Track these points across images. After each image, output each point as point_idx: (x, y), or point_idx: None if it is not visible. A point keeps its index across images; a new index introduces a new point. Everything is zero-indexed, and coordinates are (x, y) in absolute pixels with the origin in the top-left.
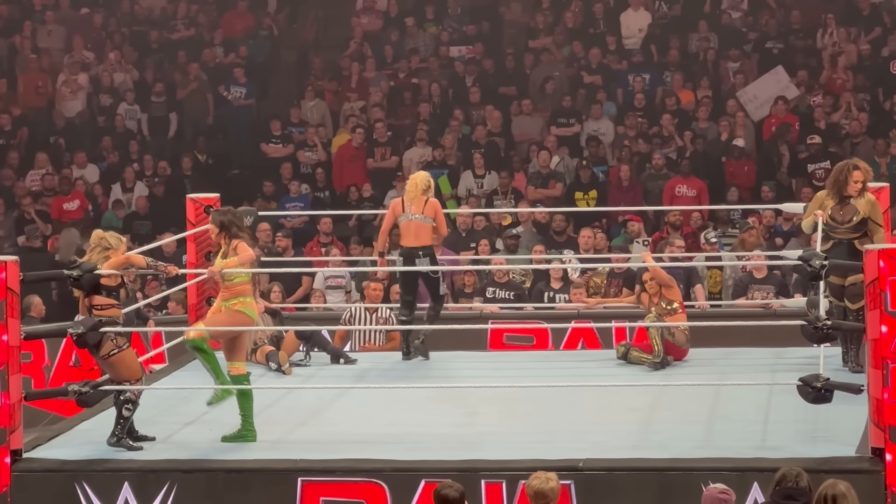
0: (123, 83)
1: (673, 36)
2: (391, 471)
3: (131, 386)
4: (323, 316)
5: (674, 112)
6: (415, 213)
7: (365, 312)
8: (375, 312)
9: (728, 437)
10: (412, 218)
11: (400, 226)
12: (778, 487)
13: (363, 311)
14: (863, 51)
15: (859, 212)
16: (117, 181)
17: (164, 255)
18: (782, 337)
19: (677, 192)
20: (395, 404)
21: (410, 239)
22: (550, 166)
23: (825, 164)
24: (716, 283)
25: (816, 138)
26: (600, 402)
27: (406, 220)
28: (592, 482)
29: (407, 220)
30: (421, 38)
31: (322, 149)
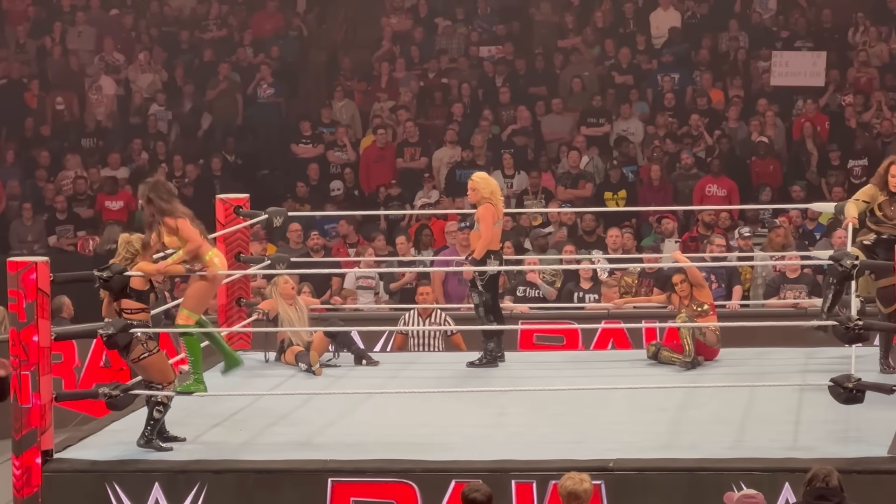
0: (153, 84)
1: (703, 35)
2: (421, 471)
3: (162, 391)
4: (353, 317)
5: (703, 112)
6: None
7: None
8: (430, 316)
9: (759, 438)
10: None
11: (495, 231)
12: (809, 487)
13: (417, 316)
14: (894, 49)
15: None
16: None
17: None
18: (815, 337)
19: (707, 191)
20: (425, 405)
21: (497, 243)
22: (580, 166)
23: (863, 162)
24: (746, 280)
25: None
26: (630, 402)
27: (499, 226)
28: (623, 482)
29: (500, 226)
30: (451, 38)
31: (351, 148)
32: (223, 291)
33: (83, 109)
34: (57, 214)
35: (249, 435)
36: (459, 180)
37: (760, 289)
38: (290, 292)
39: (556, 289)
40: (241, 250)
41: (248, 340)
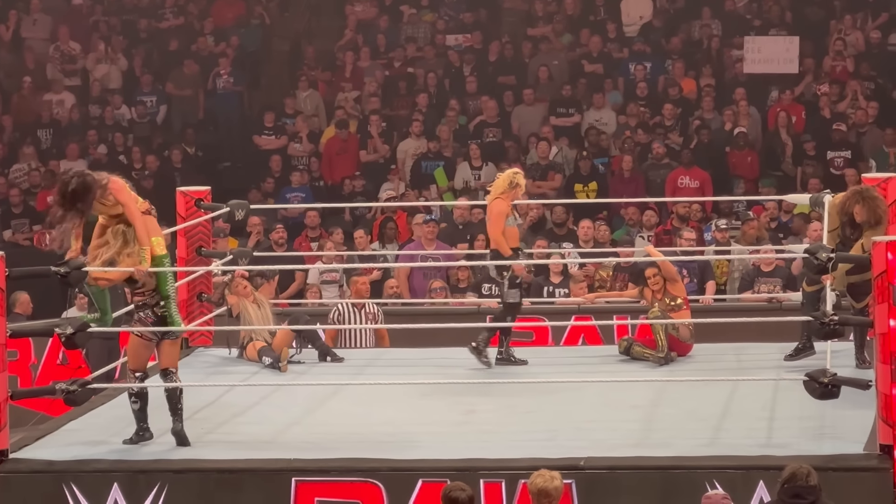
0: (111, 74)
1: (675, 23)
2: (387, 470)
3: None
4: (318, 311)
5: (676, 101)
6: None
7: (353, 309)
8: (363, 308)
9: (733, 435)
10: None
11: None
12: (786, 485)
13: (351, 308)
14: (870, 38)
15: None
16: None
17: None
18: (789, 331)
19: (680, 183)
20: (391, 402)
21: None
22: (549, 157)
23: (845, 154)
24: (722, 273)
25: (843, 126)
26: (602, 399)
27: (514, 223)
28: (594, 481)
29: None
30: (417, 27)
31: (308, 140)
32: (183, 287)
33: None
34: (12, 208)
35: (212, 433)
36: (425, 172)
37: (736, 282)
38: (246, 292)
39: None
40: (203, 244)
41: (209, 336)
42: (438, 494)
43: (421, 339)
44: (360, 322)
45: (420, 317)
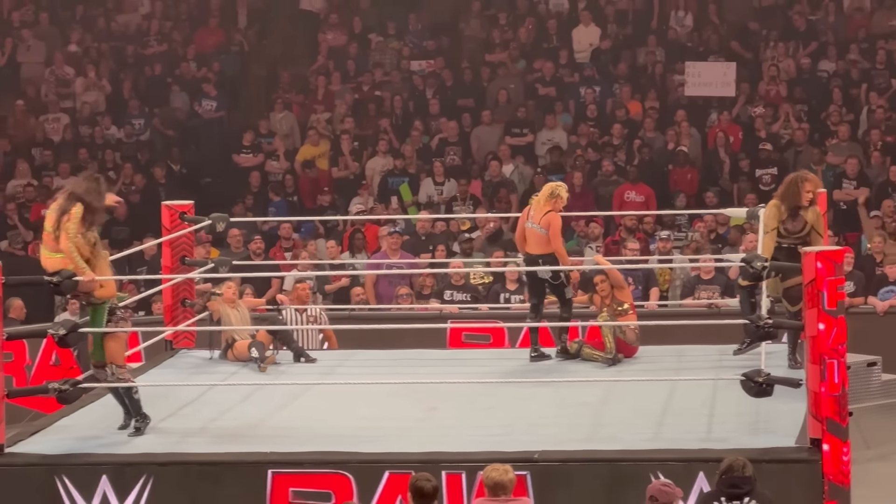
0: (101, 97)
1: (622, 50)
2: (356, 462)
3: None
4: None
5: (623, 122)
6: (534, 221)
7: (295, 313)
8: (305, 312)
9: (675, 430)
10: (530, 226)
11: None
12: (724, 476)
13: (294, 312)
14: (802, 65)
15: (808, 223)
16: None
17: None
18: (727, 334)
19: (626, 197)
20: (360, 399)
21: (531, 246)
22: (505, 174)
23: (772, 171)
24: (665, 280)
25: (768, 145)
26: (555, 397)
27: (529, 227)
28: (547, 473)
29: (529, 227)
30: (384, 53)
31: (285, 158)
32: (168, 293)
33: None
34: (7, 221)
35: (194, 428)
36: (391, 187)
37: (678, 289)
38: (233, 297)
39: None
40: (186, 254)
41: (192, 339)
42: (404, 485)
43: (388, 341)
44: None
45: (387, 321)
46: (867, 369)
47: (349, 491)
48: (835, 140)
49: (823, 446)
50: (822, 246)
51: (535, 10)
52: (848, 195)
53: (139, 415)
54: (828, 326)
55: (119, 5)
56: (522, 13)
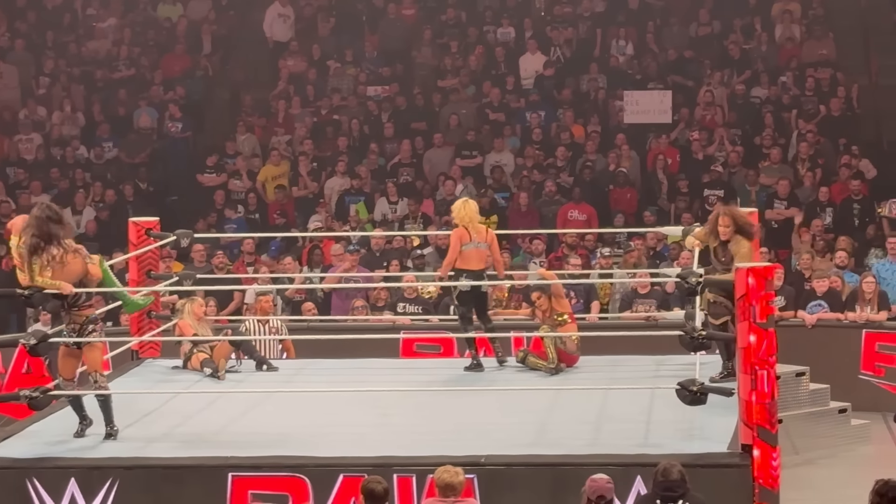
0: (72, 119)
1: (566, 77)
2: (313, 466)
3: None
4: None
5: (567, 145)
6: (478, 240)
7: (258, 324)
8: (267, 323)
9: (615, 436)
10: (477, 245)
11: (466, 252)
12: (659, 480)
13: (256, 323)
14: (736, 91)
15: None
16: (68, 206)
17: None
18: (663, 346)
19: (569, 216)
20: (317, 406)
21: (477, 263)
22: (455, 194)
23: (718, 192)
24: (606, 294)
25: (719, 167)
26: (501, 404)
27: (474, 247)
28: (494, 476)
29: (474, 247)
30: (341, 79)
31: (249, 178)
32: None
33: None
34: None
35: (158, 433)
36: (347, 206)
37: (617, 303)
38: (201, 312)
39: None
40: (152, 268)
41: (157, 349)
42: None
43: (344, 351)
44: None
45: (343, 332)
46: (796, 379)
47: (305, 493)
48: (767, 162)
49: (754, 452)
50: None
51: (485, 38)
52: (779, 214)
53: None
54: (759, 338)
55: (89, 32)
56: (472, 41)
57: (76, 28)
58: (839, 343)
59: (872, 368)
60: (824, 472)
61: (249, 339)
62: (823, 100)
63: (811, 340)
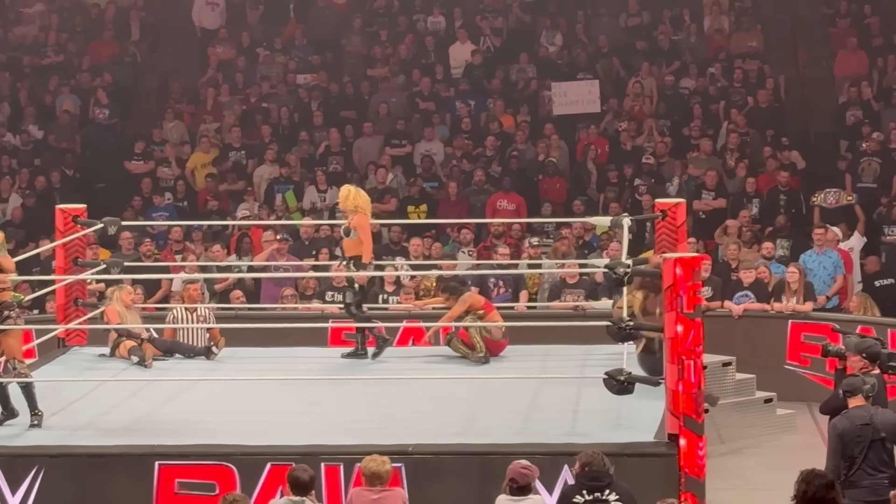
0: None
1: (496, 67)
2: (240, 454)
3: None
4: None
5: (496, 135)
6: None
7: (186, 312)
8: (195, 311)
9: (542, 425)
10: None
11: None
12: (585, 470)
13: (184, 311)
14: (665, 82)
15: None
16: None
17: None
18: (591, 335)
19: (498, 206)
20: (245, 395)
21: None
22: (385, 182)
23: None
24: (534, 284)
25: (651, 159)
26: (429, 394)
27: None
28: (421, 465)
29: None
30: (271, 67)
31: (178, 165)
32: (62, 292)
33: None
34: None
35: (84, 421)
36: (277, 194)
37: (546, 293)
38: (129, 300)
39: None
40: (79, 255)
41: (84, 337)
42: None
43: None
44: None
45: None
46: (722, 369)
47: (232, 481)
48: (695, 153)
49: (680, 441)
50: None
51: (415, 27)
52: (707, 205)
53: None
54: (686, 328)
55: (17, 17)
56: (402, 30)
57: (3, 13)
58: (765, 333)
59: (798, 359)
60: (750, 461)
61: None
62: (751, 91)
63: (737, 331)
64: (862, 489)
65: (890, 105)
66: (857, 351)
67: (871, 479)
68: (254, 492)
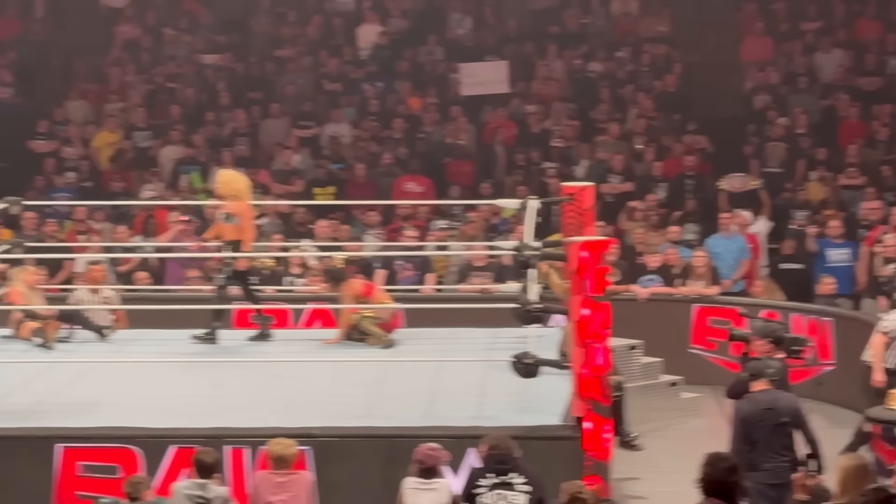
0: None
1: (404, 48)
2: (143, 437)
3: None
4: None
5: (404, 117)
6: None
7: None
8: (99, 293)
9: (448, 408)
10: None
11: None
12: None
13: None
14: (573, 65)
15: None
16: None
17: None
18: (498, 319)
19: (406, 188)
20: (149, 377)
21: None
22: (292, 164)
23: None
24: (441, 267)
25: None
26: (335, 376)
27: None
28: (327, 448)
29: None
30: (177, 46)
31: (82, 145)
32: None
33: None
34: None
35: None
36: (182, 175)
37: (454, 276)
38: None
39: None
40: None
41: None
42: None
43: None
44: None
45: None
46: (629, 352)
47: (136, 464)
48: (603, 137)
49: (586, 424)
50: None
51: (323, 7)
52: (614, 188)
53: None
54: (593, 312)
55: None
56: (310, 10)
57: None
58: (671, 317)
59: (704, 342)
60: (655, 444)
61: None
62: (659, 75)
63: (644, 314)
64: (764, 472)
65: (796, 90)
66: (763, 335)
67: (773, 462)
68: (157, 475)
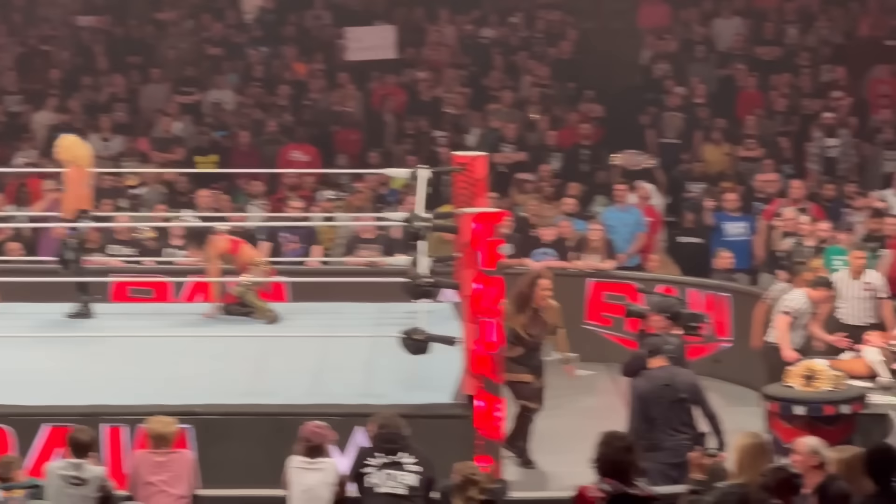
0: None
1: (289, 12)
2: (15, 416)
3: None
4: None
5: (289, 83)
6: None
7: None
8: None
9: (334, 385)
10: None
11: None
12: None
13: None
14: (464, 31)
15: (548, 322)
16: None
17: None
18: (387, 293)
19: (291, 157)
20: (20, 353)
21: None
22: (173, 131)
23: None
24: (328, 239)
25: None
26: (216, 352)
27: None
28: (210, 426)
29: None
30: (51, 7)
31: None
32: None
33: None
34: None
35: None
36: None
37: (340, 248)
38: None
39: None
40: None
41: None
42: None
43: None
44: None
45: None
46: None
47: (7, 444)
48: (496, 105)
49: (478, 403)
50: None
51: None
52: (507, 158)
53: None
54: (485, 286)
55: None
56: None
57: None
58: (565, 292)
59: (599, 318)
60: (549, 423)
61: None
62: (554, 42)
63: None
64: (664, 452)
65: (693, 59)
66: (659, 310)
67: (673, 440)
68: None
